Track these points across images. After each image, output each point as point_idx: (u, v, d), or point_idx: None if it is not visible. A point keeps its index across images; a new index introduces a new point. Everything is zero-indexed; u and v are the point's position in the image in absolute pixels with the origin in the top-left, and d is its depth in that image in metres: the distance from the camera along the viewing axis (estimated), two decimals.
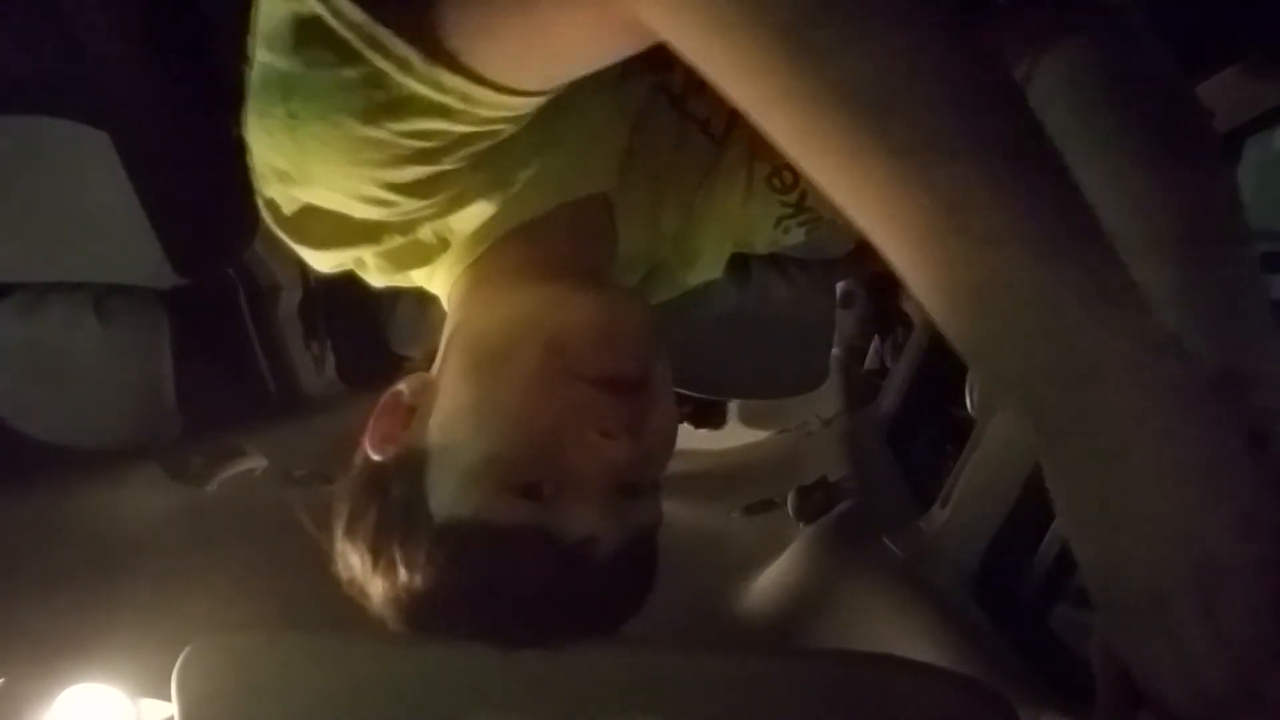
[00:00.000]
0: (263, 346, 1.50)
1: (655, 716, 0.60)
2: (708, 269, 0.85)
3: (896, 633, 0.96)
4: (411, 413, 0.67)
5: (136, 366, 1.24)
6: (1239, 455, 0.39)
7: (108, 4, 0.94)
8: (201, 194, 1.08)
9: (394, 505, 0.64)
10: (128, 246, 1.10)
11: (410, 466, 0.64)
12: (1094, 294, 0.40)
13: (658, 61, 0.73)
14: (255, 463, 1.35)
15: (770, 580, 1.29)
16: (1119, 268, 0.40)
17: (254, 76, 0.59)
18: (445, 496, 0.62)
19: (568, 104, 0.65)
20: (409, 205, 0.61)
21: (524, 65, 0.54)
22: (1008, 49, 0.66)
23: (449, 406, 0.64)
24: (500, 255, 0.69)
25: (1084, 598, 0.44)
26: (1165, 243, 0.59)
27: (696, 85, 0.76)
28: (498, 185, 0.65)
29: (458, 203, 0.64)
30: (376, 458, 0.67)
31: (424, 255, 0.69)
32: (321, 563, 0.71)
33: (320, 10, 0.52)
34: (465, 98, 0.53)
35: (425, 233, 0.67)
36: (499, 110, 0.55)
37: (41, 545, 1.08)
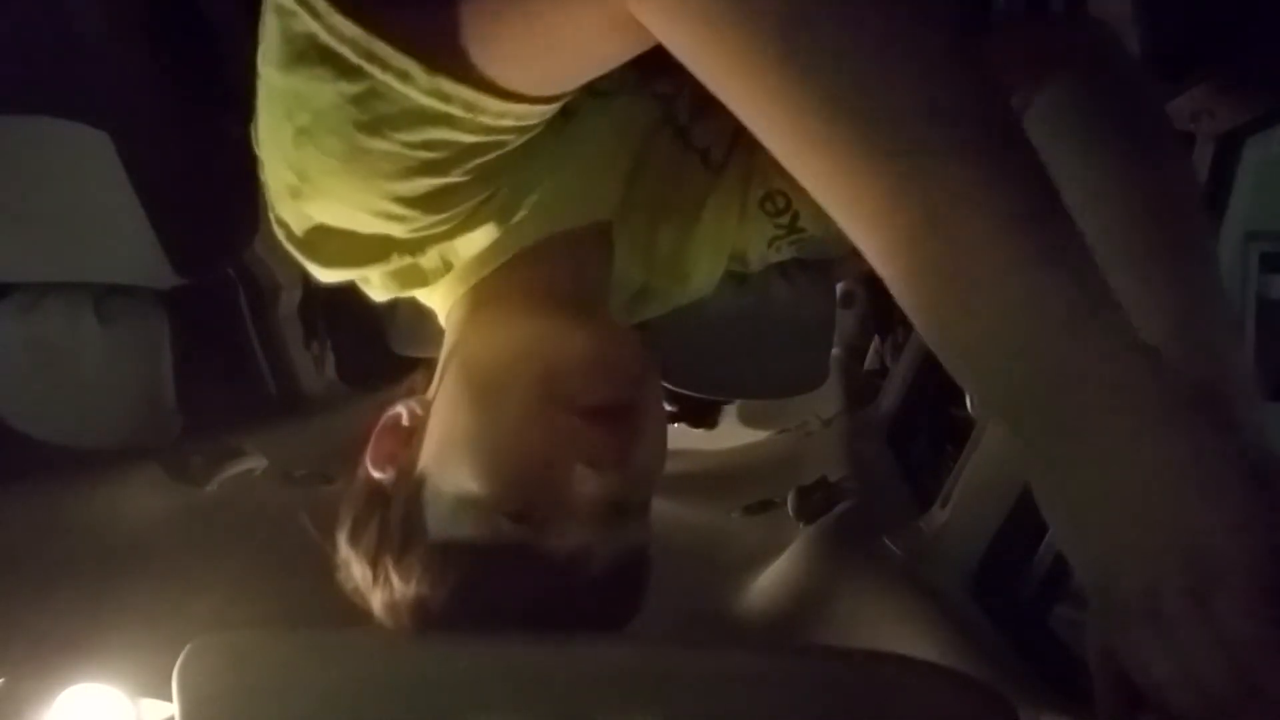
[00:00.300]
0: (263, 346, 1.50)
1: (655, 716, 0.60)
2: (700, 288, 0.86)
3: (896, 633, 0.96)
4: (410, 434, 0.69)
5: (136, 366, 1.24)
6: (1225, 456, 0.39)
7: (108, 4, 0.94)
8: (201, 194, 1.08)
9: (393, 521, 0.66)
10: (128, 246, 1.10)
11: (409, 486, 0.66)
12: (1077, 301, 0.40)
13: (663, 94, 0.74)
14: (255, 463, 1.35)
15: (770, 580, 1.29)
16: (1099, 277, 0.41)
17: (261, 92, 0.59)
18: (440, 517, 0.64)
19: (575, 134, 0.66)
20: (420, 221, 0.61)
21: (526, 69, 0.54)
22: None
23: (443, 432, 0.66)
24: (500, 281, 0.70)
25: (1084, 598, 0.44)
26: (1137, 256, 0.60)
27: (699, 116, 0.77)
28: (504, 210, 0.67)
29: (466, 225, 0.65)
30: (378, 476, 0.69)
31: (427, 276, 0.71)
32: (322, 563, 0.71)
33: (314, 27, 0.53)
34: (469, 105, 0.54)
35: (431, 255, 0.68)
36: (503, 118, 0.55)
37: (41, 545, 1.08)
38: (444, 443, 0.65)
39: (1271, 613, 0.38)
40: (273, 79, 0.57)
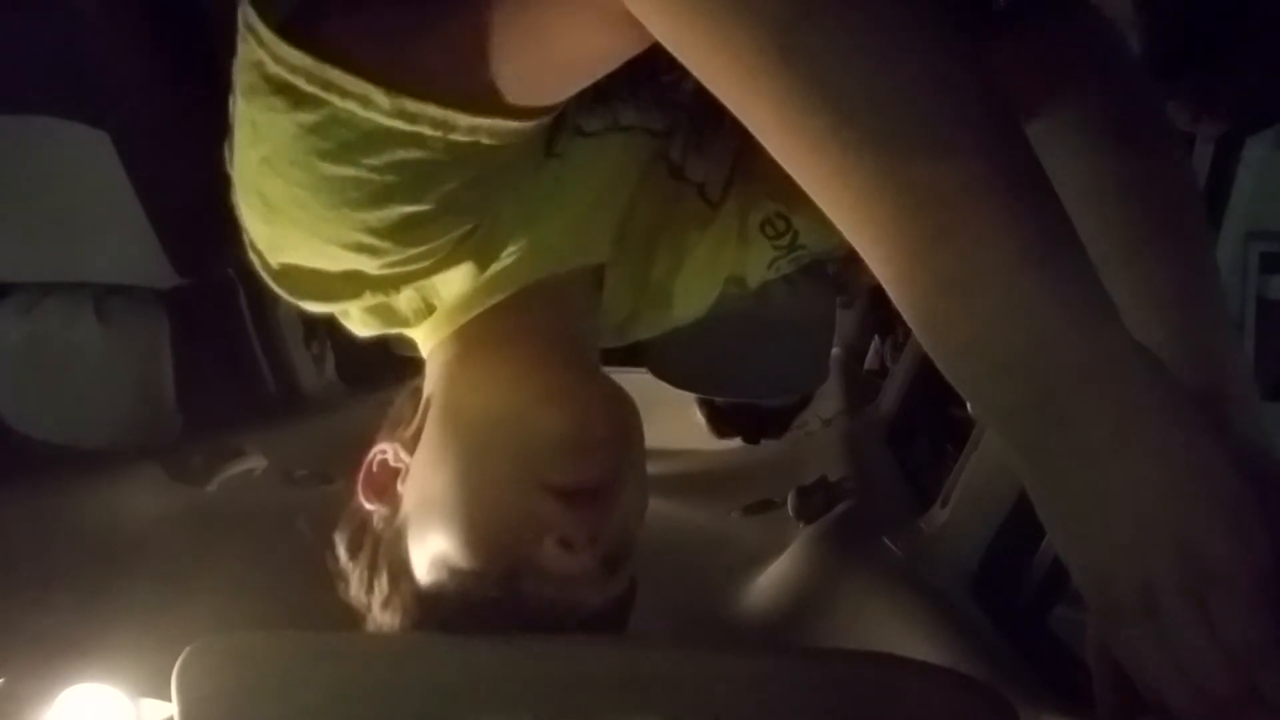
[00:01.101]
0: (263, 346, 1.50)
1: (655, 716, 0.60)
2: (691, 315, 0.85)
3: (896, 633, 0.96)
4: (398, 473, 0.69)
5: (136, 366, 1.23)
6: (1220, 458, 0.39)
7: (108, 4, 0.94)
8: (201, 194, 1.08)
9: (383, 553, 0.67)
10: (128, 246, 1.09)
11: (395, 528, 0.67)
12: (1073, 304, 0.40)
13: (655, 130, 0.73)
14: (255, 463, 1.35)
15: (770, 580, 1.29)
16: (1094, 279, 0.41)
17: (233, 118, 0.57)
18: (422, 567, 0.65)
19: (564, 177, 0.65)
20: (393, 254, 0.59)
21: (511, 73, 0.51)
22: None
23: (423, 490, 0.66)
24: (484, 327, 0.69)
25: (1083, 597, 0.44)
26: (1136, 257, 0.60)
27: (694, 151, 0.75)
28: (485, 251, 0.65)
29: (444, 263, 0.63)
30: (369, 507, 0.69)
31: (409, 318, 0.69)
32: (321, 564, 0.71)
33: (261, 55, 0.50)
34: (437, 123, 0.51)
35: (410, 294, 0.67)
36: (476, 134, 0.52)
37: (41, 545, 1.08)
38: (423, 501, 0.66)
39: (1267, 613, 0.38)
40: (240, 107, 0.55)
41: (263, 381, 1.51)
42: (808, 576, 1.23)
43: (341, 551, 0.71)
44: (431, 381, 0.71)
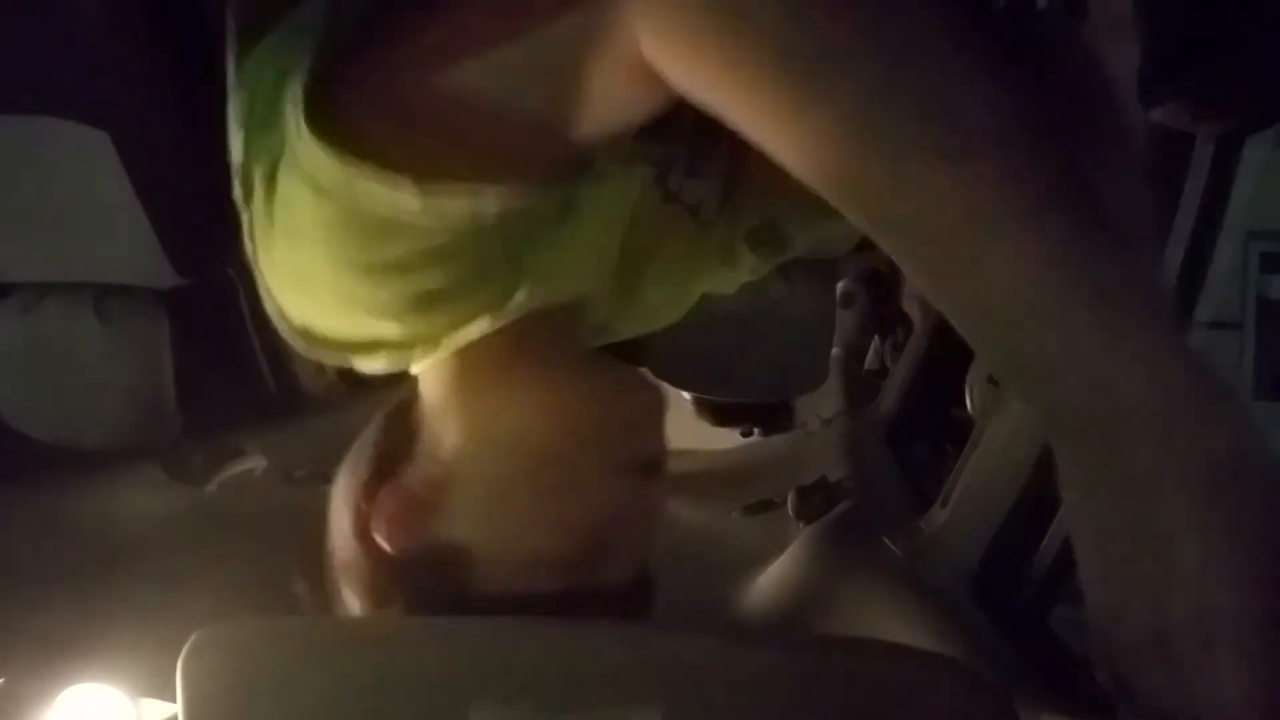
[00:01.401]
0: (263, 346, 1.50)
1: (656, 705, 0.60)
2: (674, 316, 0.86)
3: (896, 633, 0.96)
4: (428, 508, 0.67)
5: (136, 366, 1.23)
6: (1253, 510, 0.39)
7: (107, 4, 0.94)
8: (201, 194, 1.08)
9: (428, 592, 0.65)
10: (128, 246, 1.09)
11: (441, 558, 0.65)
12: (1105, 308, 0.40)
13: (655, 158, 0.72)
14: (255, 463, 1.35)
15: (770, 580, 1.29)
16: (1144, 286, 0.41)
17: (239, 152, 0.57)
18: (496, 582, 0.64)
19: (573, 219, 0.64)
20: (420, 325, 0.60)
21: (542, 137, 0.52)
22: None
23: (490, 507, 0.65)
24: (480, 348, 0.67)
25: (1084, 597, 0.44)
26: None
27: (691, 177, 0.75)
28: (501, 304, 0.65)
29: (464, 320, 0.63)
30: (393, 551, 0.67)
31: (418, 359, 0.69)
32: (322, 564, 0.71)
33: (294, 140, 0.50)
34: (468, 212, 0.51)
35: (418, 351, 0.66)
36: (505, 201, 0.52)
37: (41, 545, 1.08)
38: (491, 516, 0.64)
39: (1272, 667, 0.38)
40: (266, 171, 0.55)
41: (263, 381, 1.51)
42: (808, 576, 1.23)
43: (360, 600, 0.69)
44: (441, 412, 0.69)
